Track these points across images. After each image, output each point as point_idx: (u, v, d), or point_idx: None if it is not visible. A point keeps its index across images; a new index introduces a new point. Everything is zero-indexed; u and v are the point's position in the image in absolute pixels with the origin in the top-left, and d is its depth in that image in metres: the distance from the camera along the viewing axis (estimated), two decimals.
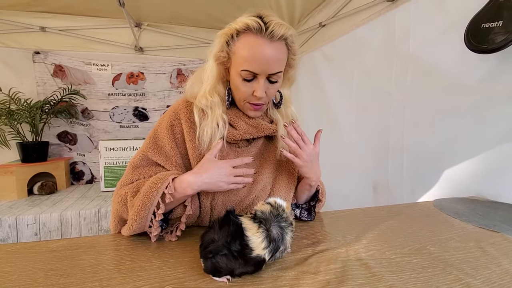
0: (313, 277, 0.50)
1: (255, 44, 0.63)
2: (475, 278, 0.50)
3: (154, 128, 0.75)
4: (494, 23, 0.96)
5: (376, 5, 1.59)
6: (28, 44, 2.29)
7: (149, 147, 0.72)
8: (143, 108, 2.66)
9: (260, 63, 0.63)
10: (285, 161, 0.81)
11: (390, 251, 0.61)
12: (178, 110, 0.74)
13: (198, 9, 2.20)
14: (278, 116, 0.78)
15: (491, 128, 1.07)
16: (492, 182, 1.08)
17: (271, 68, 0.65)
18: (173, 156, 0.71)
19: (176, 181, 0.64)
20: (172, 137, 0.71)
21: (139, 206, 0.60)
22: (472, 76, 1.12)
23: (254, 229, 0.51)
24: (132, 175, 0.70)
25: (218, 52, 0.68)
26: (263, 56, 0.63)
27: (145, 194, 0.61)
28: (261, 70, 0.64)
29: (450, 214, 0.87)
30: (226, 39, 0.66)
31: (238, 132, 0.73)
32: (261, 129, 0.75)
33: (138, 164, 0.71)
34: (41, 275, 0.51)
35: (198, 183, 0.63)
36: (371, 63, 1.67)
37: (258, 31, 0.62)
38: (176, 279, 0.49)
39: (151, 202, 0.60)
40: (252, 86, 0.67)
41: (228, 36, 0.66)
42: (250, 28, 0.63)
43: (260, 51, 0.63)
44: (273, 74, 0.66)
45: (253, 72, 0.64)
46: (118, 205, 0.66)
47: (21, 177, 2.01)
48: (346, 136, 1.94)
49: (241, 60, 0.64)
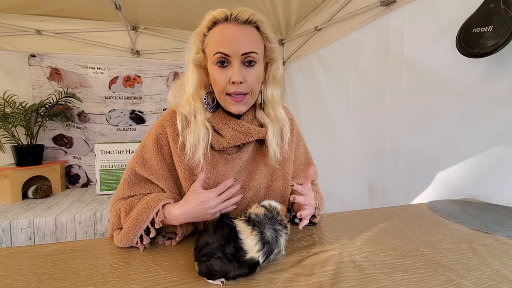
0: (307, 279, 0.50)
1: (223, 28, 0.65)
2: (466, 279, 0.51)
3: (143, 140, 0.75)
4: (485, 28, 0.98)
5: (370, 10, 1.62)
6: (24, 47, 2.28)
7: (136, 161, 0.72)
8: (140, 111, 2.65)
9: (231, 43, 0.63)
10: (278, 165, 0.78)
11: (383, 253, 0.61)
12: (164, 122, 0.73)
13: (194, 12, 2.20)
14: (267, 119, 0.74)
15: (483, 131, 1.09)
16: (484, 184, 1.09)
17: (242, 47, 0.63)
18: (159, 169, 0.71)
19: (165, 208, 0.64)
20: (158, 150, 0.71)
21: (128, 229, 0.63)
22: (464, 80, 1.14)
23: (248, 232, 0.51)
24: (124, 191, 0.71)
25: (195, 55, 0.68)
26: (231, 36, 0.64)
27: (135, 218, 0.63)
28: (232, 50, 0.63)
29: (443, 215, 0.88)
30: (199, 39, 0.68)
31: (225, 140, 0.71)
32: (250, 134, 0.72)
33: (129, 180, 0.72)
34: (34, 279, 0.50)
35: (184, 216, 0.63)
36: (367, 66, 1.69)
37: (225, 19, 0.65)
38: (171, 282, 0.50)
39: (140, 226, 0.62)
40: (228, 74, 0.65)
41: (200, 35, 0.67)
42: (217, 19, 0.65)
43: (228, 32, 0.64)
44: (246, 55, 0.64)
45: (225, 53, 0.63)
46: (114, 218, 0.69)
47: (15, 181, 1.99)
48: (342, 138, 1.95)
49: (213, 47, 0.65)
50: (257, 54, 0.66)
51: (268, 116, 0.74)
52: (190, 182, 0.70)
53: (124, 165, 2.22)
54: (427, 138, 1.31)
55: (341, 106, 1.94)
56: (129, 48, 2.52)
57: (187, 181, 0.70)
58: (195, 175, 0.70)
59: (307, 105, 2.38)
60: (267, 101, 0.75)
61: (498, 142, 1.04)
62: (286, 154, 0.78)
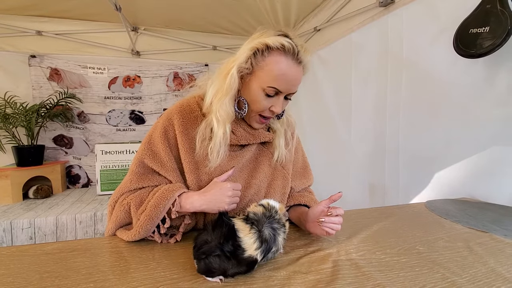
0: (304, 277, 0.51)
1: (287, 66, 0.66)
2: (461, 276, 0.52)
3: (149, 133, 0.76)
4: (481, 28, 0.98)
5: (369, 11, 1.63)
6: (24, 47, 2.29)
7: (145, 153, 0.73)
8: (140, 112, 2.66)
9: (288, 84, 0.68)
10: (279, 166, 0.82)
11: (380, 251, 0.62)
12: (172, 115, 0.74)
13: (194, 13, 2.22)
14: (278, 125, 0.80)
15: (481, 131, 1.09)
16: (483, 184, 1.10)
17: (294, 88, 0.70)
18: (168, 162, 0.72)
19: (182, 198, 0.66)
20: (166, 142, 0.73)
21: (145, 220, 0.64)
22: (462, 80, 1.15)
23: (246, 230, 0.52)
24: (132, 183, 0.71)
25: (243, 64, 0.67)
26: (292, 78, 0.67)
27: (152, 209, 0.64)
28: (286, 89, 0.68)
29: (441, 215, 0.89)
30: (254, 52, 0.67)
31: (235, 137, 0.74)
32: (258, 136, 0.77)
33: (137, 171, 0.72)
34: (36, 277, 0.51)
35: (200, 202, 0.66)
36: (367, 67, 1.69)
37: (290, 53, 0.66)
38: (170, 280, 0.50)
39: (157, 217, 0.64)
40: (271, 101, 0.70)
41: (257, 50, 0.66)
42: (284, 49, 0.65)
43: (290, 73, 0.67)
44: (292, 93, 0.71)
45: (279, 90, 0.68)
46: (121, 213, 0.68)
47: (16, 181, 2.00)
48: (343, 138, 1.96)
49: (270, 78, 0.66)
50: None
51: (280, 120, 0.80)
52: (194, 175, 0.72)
53: (124, 165, 2.23)
54: (427, 138, 1.31)
55: (341, 106, 1.95)
56: (129, 49, 2.53)
57: (192, 174, 0.72)
58: (200, 169, 0.73)
59: (308, 105, 2.39)
60: None
61: (496, 142, 1.05)
62: (289, 156, 0.83)
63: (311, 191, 0.92)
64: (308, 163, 0.94)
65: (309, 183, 0.91)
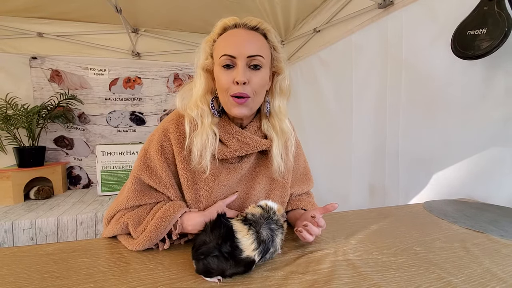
0: (301, 277, 0.52)
1: (231, 32, 0.67)
2: (457, 276, 0.52)
3: (144, 147, 0.73)
4: (479, 30, 0.99)
5: (368, 12, 1.63)
6: (25, 49, 2.30)
7: (141, 169, 0.70)
8: (140, 113, 2.67)
9: (238, 45, 0.64)
10: (278, 176, 0.77)
11: (377, 252, 0.63)
12: (168, 128, 0.72)
13: (194, 15, 2.23)
14: (272, 132, 0.73)
15: (480, 132, 1.10)
16: (481, 185, 1.11)
17: (248, 49, 0.64)
18: (166, 177, 0.70)
19: (183, 219, 0.66)
20: (163, 158, 0.70)
21: (144, 241, 0.63)
22: (461, 81, 1.15)
23: (244, 231, 0.53)
24: (129, 201, 0.68)
25: (204, 60, 0.70)
26: (238, 38, 0.65)
27: (152, 230, 0.63)
28: (238, 51, 0.64)
29: (439, 215, 0.89)
30: (209, 45, 0.70)
31: (229, 150, 0.70)
32: (254, 145, 0.72)
33: (133, 188, 0.69)
34: (37, 277, 0.52)
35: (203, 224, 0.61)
36: (367, 68, 1.70)
37: (234, 26, 0.67)
38: (169, 280, 0.51)
39: (157, 238, 0.63)
40: (232, 75, 0.65)
41: (210, 41, 0.70)
42: (227, 26, 0.67)
43: (235, 35, 0.66)
44: (252, 57, 0.64)
45: (230, 54, 0.64)
46: (117, 230, 0.67)
47: (17, 182, 2.01)
48: (343, 139, 1.96)
49: (220, 50, 0.66)
50: (263, 58, 0.65)
51: (273, 128, 0.74)
52: (192, 191, 0.70)
53: (125, 166, 2.24)
54: (426, 139, 1.32)
55: (342, 107, 1.96)
56: (130, 50, 2.54)
57: (190, 190, 0.70)
58: (197, 184, 0.70)
59: (308, 106, 2.40)
60: (274, 113, 0.74)
61: (494, 143, 1.05)
62: (289, 164, 0.79)
63: (310, 193, 0.91)
64: (309, 168, 0.91)
65: (309, 188, 0.90)
